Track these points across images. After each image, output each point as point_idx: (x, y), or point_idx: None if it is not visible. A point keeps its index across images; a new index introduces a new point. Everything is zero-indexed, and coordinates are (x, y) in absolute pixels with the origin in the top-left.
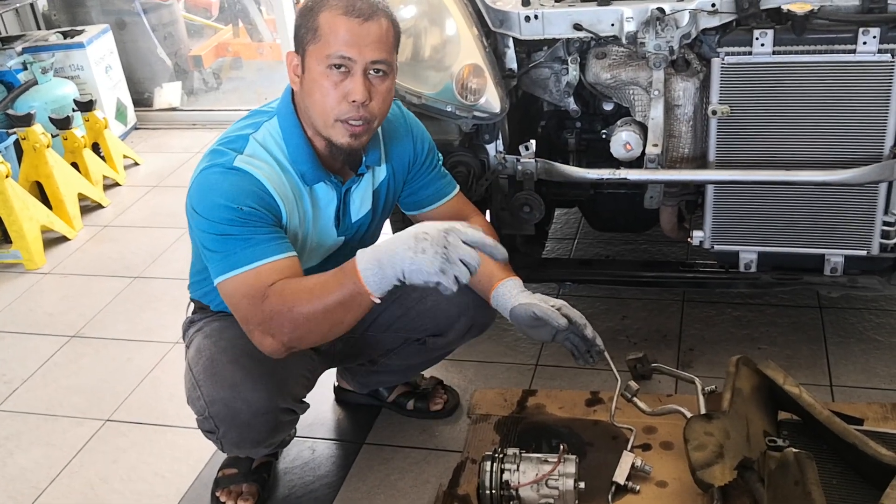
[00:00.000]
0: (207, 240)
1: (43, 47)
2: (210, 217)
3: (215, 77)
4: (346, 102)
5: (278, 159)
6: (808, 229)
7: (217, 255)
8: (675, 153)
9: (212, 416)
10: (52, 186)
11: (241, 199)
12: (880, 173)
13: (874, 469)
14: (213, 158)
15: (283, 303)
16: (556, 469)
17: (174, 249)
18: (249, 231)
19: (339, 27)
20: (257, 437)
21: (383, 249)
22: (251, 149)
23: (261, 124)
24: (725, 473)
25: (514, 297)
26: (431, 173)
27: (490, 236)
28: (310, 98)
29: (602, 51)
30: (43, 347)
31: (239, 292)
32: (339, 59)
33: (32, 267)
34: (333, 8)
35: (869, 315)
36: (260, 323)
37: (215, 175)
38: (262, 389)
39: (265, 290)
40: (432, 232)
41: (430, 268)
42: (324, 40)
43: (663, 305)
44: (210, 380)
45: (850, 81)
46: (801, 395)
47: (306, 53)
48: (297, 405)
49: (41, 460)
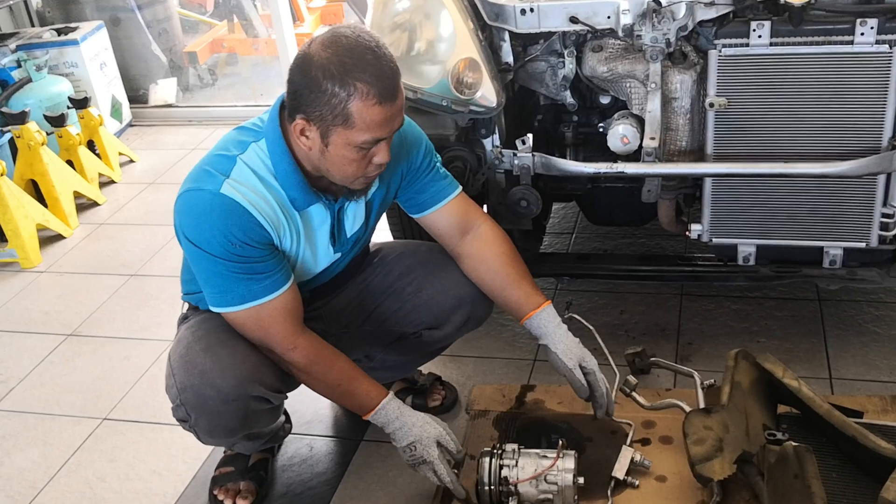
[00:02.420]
0: (202, 272)
1: (37, 45)
2: (204, 248)
3: (211, 73)
4: (372, 165)
5: (267, 181)
6: (806, 222)
7: (215, 289)
8: (673, 146)
9: (183, 403)
10: (47, 184)
11: (233, 233)
12: (878, 165)
13: (874, 462)
14: (201, 181)
15: (307, 369)
16: (554, 464)
17: (171, 247)
18: (245, 268)
19: (375, 116)
20: (228, 425)
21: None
22: (238, 171)
23: (248, 144)
24: (725, 467)
25: (550, 335)
26: (429, 175)
27: (500, 239)
28: (332, 166)
29: (598, 44)
30: (39, 346)
31: (248, 327)
32: (373, 142)
33: (28, 265)
34: (366, 97)
35: (868, 307)
36: (279, 359)
37: (204, 202)
38: (230, 377)
39: (287, 339)
40: (419, 451)
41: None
42: (357, 128)
43: (662, 299)
44: (183, 368)
45: (847, 73)
46: (800, 389)
47: (330, 132)
48: (269, 394)
49: (38, 459)
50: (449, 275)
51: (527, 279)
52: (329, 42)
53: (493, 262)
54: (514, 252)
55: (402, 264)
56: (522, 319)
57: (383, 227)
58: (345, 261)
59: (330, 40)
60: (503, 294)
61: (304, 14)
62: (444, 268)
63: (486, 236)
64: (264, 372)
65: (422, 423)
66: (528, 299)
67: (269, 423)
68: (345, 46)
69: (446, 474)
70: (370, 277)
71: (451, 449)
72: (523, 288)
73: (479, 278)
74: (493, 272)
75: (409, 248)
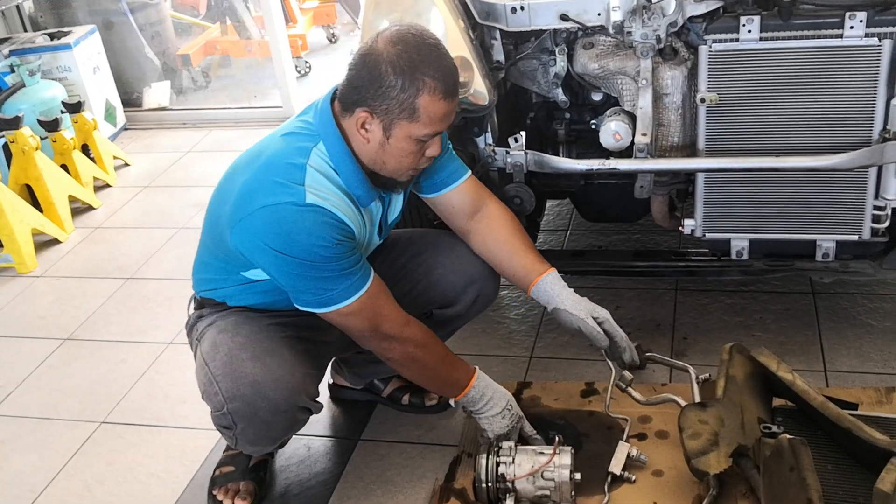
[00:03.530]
0: (297, 280)
1: (30, 49)
2: (300, 257)
3: (204, 76)
4: (426, 159)
5: (338, 184)
6: (799, 215)
7: (314, 295)
8: (665, 142)
9: (231, 412)
10: (41, 189)
11: (328, 237)
12: (869, 157)
13: (869, 453)
14: (278, 194)
15: (423, 338)
16: (551, 461)
17: (166, 250)
18: (342, 265)
19: (440, 111)
20: (274, 435)
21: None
22: (311, 178)
23: (309, 150)
24: (720, 461)
25: (557, 295)
26: (446, 156)
27: (508, 215)
28: (391, 158)
29: (589, 41)
30: (36, 351)
31: (364, 313)
32: (433, 136)
33: (24, 270)
34: (434, 92)
35: (862, 299)
36: (388, 337)
37: (292, 213)
38: (283, 388)
39: (406, 315)
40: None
41: (498, 427)
42: (421, 122)
43: (656, 295)
44: (230, 376)
45: (837, 66)
46: (794, 382)
47: (394, 125)
48: (313, 404)
49: (37, 463)
50: (458, 254)
51: (532, 250)
52: (396, 39)
53: (500, 233)
54: (519, 226)
55: (412, 248)
56: (529, 288)
57: None
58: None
59: (397, 37)
60: (510, 264)
61: (296, 15)
62: (453, 248)
63: (493, 213)
64: (310, 382)
65: (499, 384)
66: (532, 267)
67: (298, 430)
68: (412, 44)
69: (531, 432)
70: (382, 262)
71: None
72: (528, 257)
73: (488, 251)
74: (501, 243)
75: (417, 233)
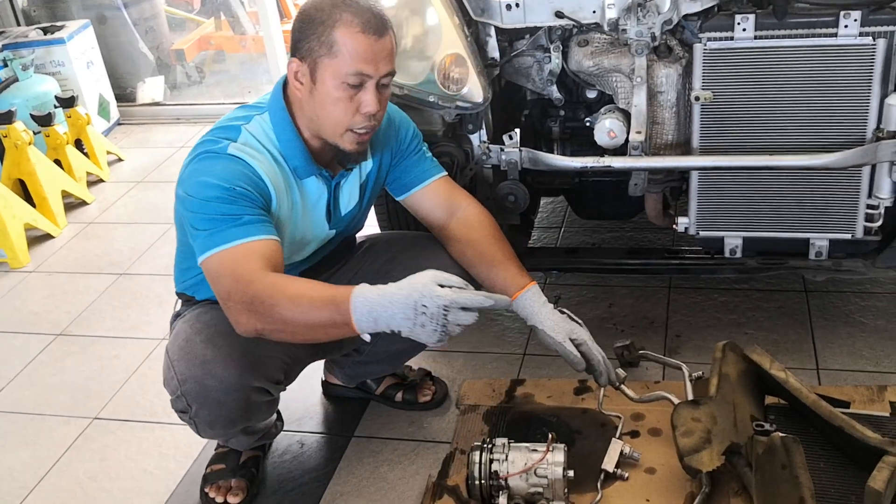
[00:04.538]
0: (196, 219)
1: (23, 44)
2: (199, 196)
3: (198, 71)
4: (360, 114)
5: (270, 151)
6: (792, 214)
7: (203, 233)
8: (659, 140)
9: (184, 394)
10: (34, 184)
11: (233, 180)
12: (863, 156)
13: (861, 451)
14: (206, 146)
15: (269, 296)
16: (544, 458)
17: (159, 245)
18: (238, 209)
19: (359, 45)
20: (229, 416)
21: (381, 308)
22: (244, 138)
23: (251, 117)
24: (713, 459)
25: (536, 314)
26: (415, 156)
27: (486, 221)
28: (321, 109)
29: (584, 38)
30: (29, 346)
31: (224, 268)
32: (358, 76)
33: (17, 265)
34: (350, 25)
35: (854, 298)
36: (240, 301)
37: (208, 160)
38: (232, 367)
39: (252, 272)
40: (431, 307)
41: (428, 339)
42: (341, 57)
43: (650, 292)
44: (183, 359)
45: (831, 65)
46: (787, 380)
47: (318, 66)
48: (270, 385)
49: (28, 460)
50: (435, 257)
51: (512, 261)
52: None
53: (478, 244)
54: (499, 233)
55: (389, 251)
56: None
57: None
58: (337, 240)
59: None
60: (489, 276)
61: (290, 10)
62: (430, 251)
63: (470, 219)
64: (265, 363)
65: (405, 283)
66: (513, 281)
67: (266, 416)
68: None
69: (474, 296)
70: (358, 265)
71: (453, 282)
72: (509, 269)
73: (467, 262)
74: (479, 254)
75: (396, 235)
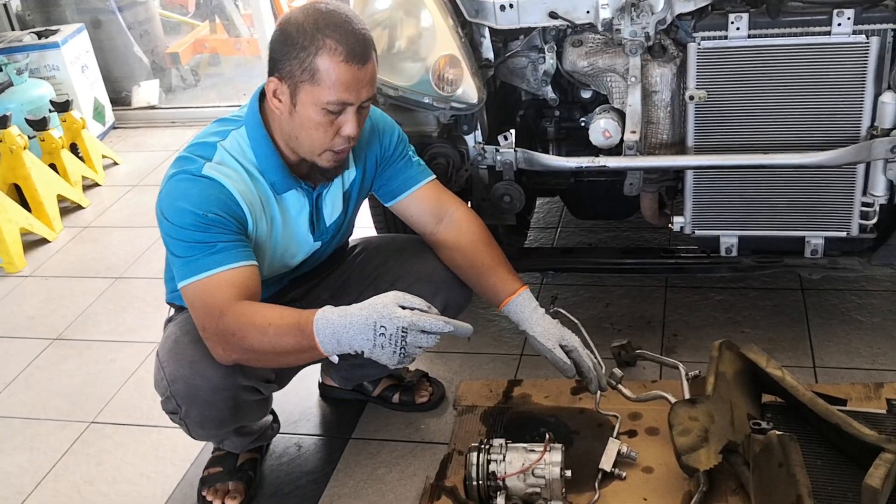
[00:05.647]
0: (172, 244)
1: (17, 48)
2: (176, 222)
3: (193, 74)
4: (339, 137)
5: (246, 167)
6: (787, 212)
7: (179, 261)
8: (654, 139)
9: (173, 394)
10: (30, 188)
11: (207, 206)
12: (857, 154)
13: (858, 449)
14: (182, 165)
15: (238, 328)
16: (542, 458)
17: (155, 249)
18: (211, 237)
19: (342, 75)
20: (219, 416)
21: (342, 329)
22: (219, 156)
23: (228, 132)
24: (710, 457)
25: (527, 319)
26: (401, 162)
27: (475, 226)
28: (301, 130)
29: (578, 38)
30: (25, 351)
31: (197, 300)
32: (339, 104)
33: (13, 270)
34: (334, 53)
35: (850, 296)
36: (214, 334)
37: (184, 182)
38: (220, 366)
39: (223, 304)
40: (390, 329)
41: (388, 361)
42: (323, 86)
43: (646, 292)
44: (172, 359)
45: (825, 63)
46: (783, 378)
47: (299, 90)
48: (261, 384)
49: (25, 464)
50: (425, 262)
51: (503, 265)
52: (307, 7)
53: (468, 249)
54: (489, 237)
55: (379, 255)
56: (500, 306)
57: (368, 225)
58: (327, 250)
59: (308, 5)
60: (480, 282)
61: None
62: (419, 255)
63: (459, 223)
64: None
65: (366, 304)
66: (504, 286)
67: (259, 416)
68: (322, 11)
69: (434, 321)
70: (349, 270)
71: (415, 303)
72: (499, 275)
73: (457, 267)
74: (469, 260)
75: (386, 240)
